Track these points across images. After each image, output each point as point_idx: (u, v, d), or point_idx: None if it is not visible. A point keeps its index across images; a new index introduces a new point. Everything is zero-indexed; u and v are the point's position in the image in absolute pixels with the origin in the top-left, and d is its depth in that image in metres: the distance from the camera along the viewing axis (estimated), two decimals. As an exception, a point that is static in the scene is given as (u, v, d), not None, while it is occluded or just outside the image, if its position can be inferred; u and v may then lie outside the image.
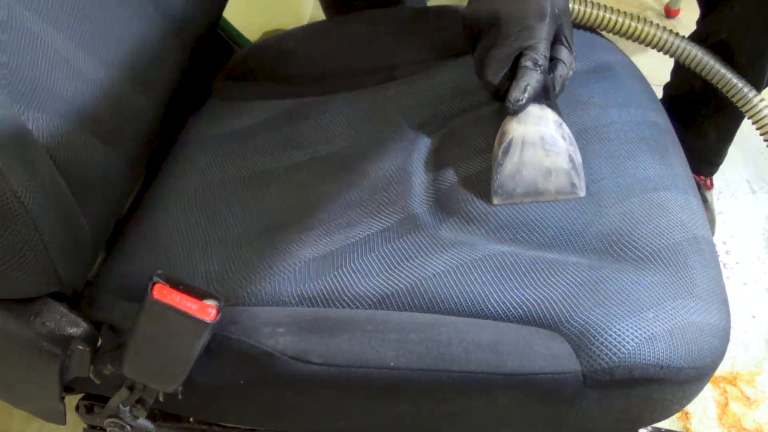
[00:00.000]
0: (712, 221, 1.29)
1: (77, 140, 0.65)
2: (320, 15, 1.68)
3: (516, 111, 0.67)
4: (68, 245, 0.58)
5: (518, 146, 0.66)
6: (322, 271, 0.67)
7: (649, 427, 0.74)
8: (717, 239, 1.28)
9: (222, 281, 0.68)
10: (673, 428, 1.07)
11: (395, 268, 0.66)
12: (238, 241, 0.72)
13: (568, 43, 0.72)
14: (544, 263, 0.64)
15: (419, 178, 0.76)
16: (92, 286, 0.72)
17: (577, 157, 0.67)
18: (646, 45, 0.88)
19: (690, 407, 1.07)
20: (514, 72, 0.68)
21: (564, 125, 0.68)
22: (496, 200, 0.68)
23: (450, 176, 0.74)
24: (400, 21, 0.92)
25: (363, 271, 0.66)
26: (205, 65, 0.98)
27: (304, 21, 1.63)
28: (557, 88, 0.72)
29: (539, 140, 0.66)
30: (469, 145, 0.76)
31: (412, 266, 0.66)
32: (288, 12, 1.61)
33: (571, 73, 0.73)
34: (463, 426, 0.63)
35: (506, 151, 0.66)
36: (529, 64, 0.67)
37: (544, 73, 0.68)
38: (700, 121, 1.14)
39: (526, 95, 0.66)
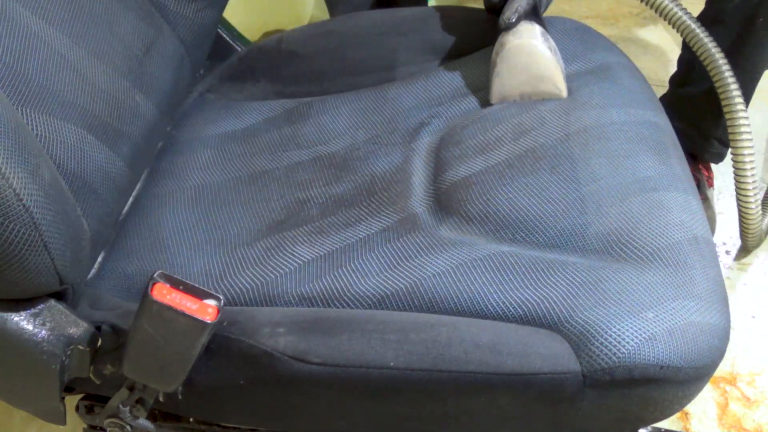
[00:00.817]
0: (712, 220, 1.29)
1: (77, 140, 0.65)
2: (320, 15, 1.68)
3: (508, 27, 0.79)
4: (68, 245, 0.58)
5: (512, 54, 0.79)
6: (322, 271, 0.67)
7: (649, 427, 0.74)
8: (717, 239, 1.28)
9: (222, 281, 0.68)
10: (673, 428, 1.06)
11: (395, 268, 0.66)
12: (238, 241, 0.72)
13: None
14: (544, 263, 0.64)
15: (419, 178, 0.76)
16: (92, 286, 0.72)
17: (561, 64, 0.80)
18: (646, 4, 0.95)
19: (690, 407, 1.07)
20: None
21: (550, 38, 0.81)
22: (493, 99, 0.81)
23: (450, 176, 0.74)
24: (400, 21, 0.92)
25: (363, 271, 0.66)
26: (205, 65, 0.98)
27: (304, 21, 1.63)
28: (543, 9, 0.83)
29: (530, 49, 0.79)
30: (469, 145, 0.76)
31: (411, 266, 0.66)
32: (288, 12, 1.61)
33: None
34: (462, 426, 0.63)
35: (502, 58, 0.79)
36: None
37: None
38: (709, 91, 1.14)
39: (517, 14, 0.79)
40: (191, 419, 0.74)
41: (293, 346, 0.58)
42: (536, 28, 0.80)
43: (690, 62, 1.19)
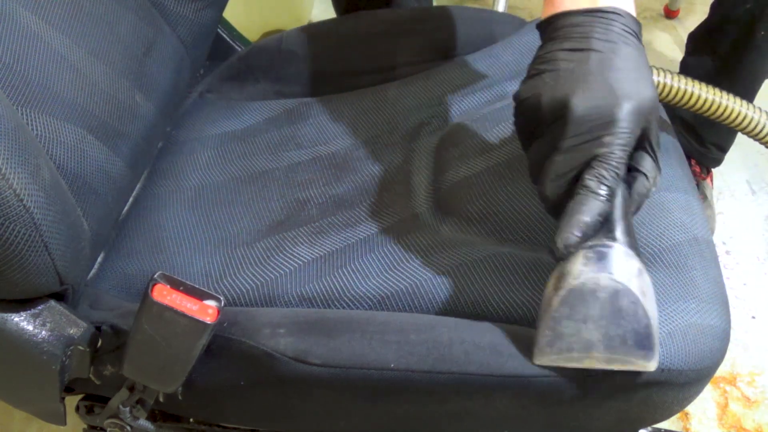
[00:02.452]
0: (711, 219, 1.29)
1: (77, 140, 0.65)
2: (320, 15, 1.69)
3: (564, 257, 0.52)
4: (68, 245, 0.58)
5: (583, 298, 0.50)
6: (322, 272, 0.67)
7: (649, 428, 0.74)
8: (717, 239, 1.28)
9: (222, 282, 0.68)
10: (673, 428, 1.07)
11: (395, 268, 0.66)
12: (238, 241, 0.72)
13: (654, 151, 0.54)
14: (545, 264, 0.64)
15: (419, 179, 0.76)
16: (92, 286, 0.71)
17: (655, 321, 0.51)
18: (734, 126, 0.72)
19: (690, 408, 1.07)
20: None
21: (645, 273, 0.52)
22: (539, 359, 0.54)
23: (450, 176, 0.74)
24: (400, 21, 0.92)
25: (363, 271, 0.66)
26: (205, 65, 0.98)
27: (304, 21, 1.63)
28: (634, 210, 0.55)
29: (612, 294, 0.50)
30: (469, 145, 0.76)
31: (412, 267, 0.66)
32: (288, 12, 1.61)
33: (654, 189, 0.56)
34: (463, 427, 0.63)
35: (565, 302, 0.51)
36: (592, 183, 0.50)
37: (612, 198, 0.51)
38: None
39: (580, 235, 0.50)
40: (191, 420, 0.74)
41: (293, 347, 0.58)
42: (626, 254, 0.51)
43: (692, 68, 1.20)
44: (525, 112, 0.55)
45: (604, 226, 0.52)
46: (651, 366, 0.52)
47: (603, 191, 0.50)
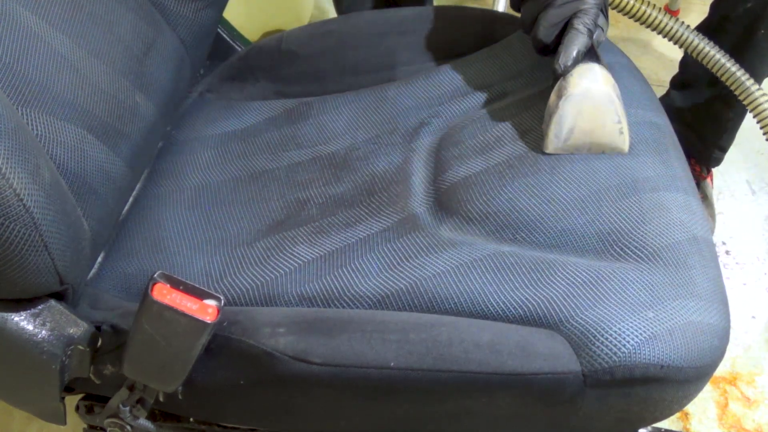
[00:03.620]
0: (711, 218, 1.29)
1: (77, 140, 0.65)
2: (320, 15, 1.69)
3: (563, 74, 0.71)
4: (68, 245, 0.58)
5: (579, 99, 0.70)
6: (322, 271, 0.67)
7: (649, 427, 0.74)
8: (717, 239, 1.28)
9: (222, 281, 0.68)
10: (673, 428, 1.06)
11: (395, 268, 0.66)
12: (238, 241, 0.72)
13: (606, 10, 0.76)
14: (544, 263, 0.64)
15: (419, 178, 0.76)
16: (92, 286, 0.71)
17: (625, 117, 0.72)
18: (659, 33, 0.88)
19: (690, 407, 1.07)
20: (561, 31, 0.73)
21: (615, 85, 0.72)
22: (550, 148, 0.72)
23: (450, 176, 0.74)
24: (400, 21, 0.92)
25: (363, 271, 0.66)
26: (205, 65, 0.98)
27: (304, 21, 1.63)
28: (598, 46, 0.76)
29: (599, 96, 0.70)
30: (468, 145, 0.76)
31: (412, 266, 0.66)
32: (288, 12, 1.61)
33: (603, 38, 0.77)
34: (463, 426, 0.63)
35: (567, 102, 0.70)
36: (581, 27, 0.71)
37: (591, 36, 0.72)
38: (711, 99, 1.15)
39: (575, 58, 0.71)
40: (191, 419, 0.74)
41: (293, 346, 0.58)
42: (604, 73, 0.72)
43: (691, 66, 1.20)
44: None
45: (586, 54, 0.73)
46: (624, 146, 0.72)
47: (584, 30, 0.72)
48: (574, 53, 0.71)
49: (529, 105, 0.79)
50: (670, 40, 0.88)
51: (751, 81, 0.86)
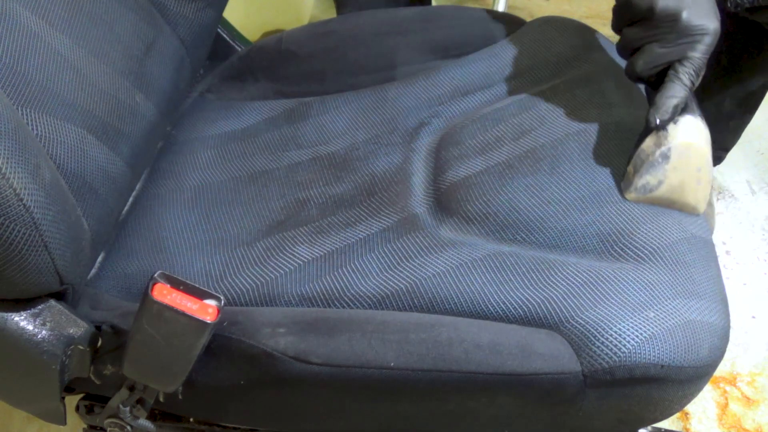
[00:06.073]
0: (710, 217, 1.29)
1: (77, 140, 0.65)
2: (320, 15, 1.69)
3: (658, 128, 0.67)
4: (68, 245, 0.58)
5: (679, 155, 0.67)
6: (322, 271, 0.67)
7: (649, 427, 0.74)
8: (717, 239, 1.28)
9: (222, 281, 0.68)
10: (673, 428, 1.06)
11: (395, 268, 0.66)
12: (238, 241, 0.72)
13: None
14: (544, 263, 0.64)
15: (419, 178, 0.76)
16: (92, 286, 0.71)
17: (712, 173, 0.69)
18: None
19: (690, 407, 1.07)
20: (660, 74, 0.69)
21: (710, 143, 0.69)
22: (632, 195, 0.69)
23: (450, 176, 0.74)
24: (400, 21, 0.92)
25: (363, 271, 0.66)
26: (205, 65, 0.98)
27: (304, 21, 1.63)
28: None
29: (699, 157, 0.67)
30: (468, 145, 0.76)
31: (412, 266, 0.66)
32: (288, 12, 1.61)
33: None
34: (463, 426, 0.63)
35: (665, 156, 0.67)
36: (684, 78, 0.67)
37: (692, 88, 0.68)
38: (716, 91, 1.14)
39: (673, 113, 0.67)
40: (191, 419, 0.74)
41: (293, 347, 0.58)
42: (705, 130, 0.69)
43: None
44: (634, 7, 0.69)
45: (685, 106, 0.69)
46: (702, 209, 0.70)
47: (688, 83, 0.67)
48: (672, 107, 0.66)
49: (529, 105, 0.79)
50: None
51: None
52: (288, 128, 0.86)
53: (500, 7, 1.54)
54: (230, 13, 1.02)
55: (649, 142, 0.69)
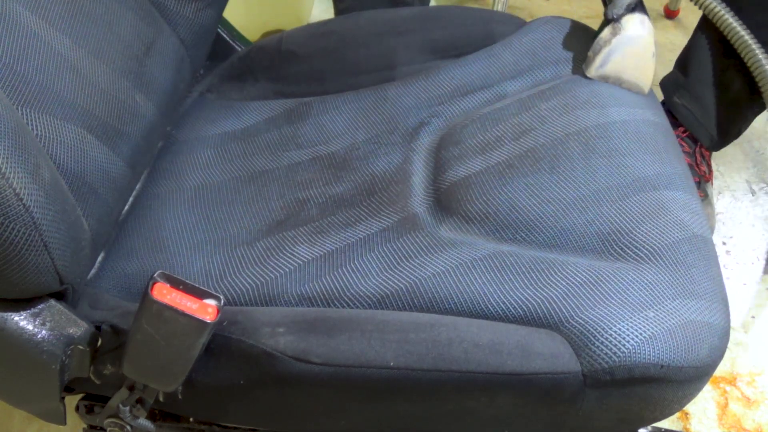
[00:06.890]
0: (711, 217, 1.29)
1: (77, 140, 0.65)
2: (320, 15, 1.69)
3: (614, 20, 0.81)
4: (68, 245, 0.58)
5: (630, 40, 0.81)
6: (322, 271, 0.67)
7: (649, 427, 0.74)
8: (717, 239, 1.28)
9: (222, 281, 0.68)
10: (673, 428, 1.06)
11: (395, 267, 0.66)
12: (238, 240, 0.72)
13: None
14: (544, 263, 0.64)
15: (419, 178, 0.76)
16: (92, 286, 0.71)
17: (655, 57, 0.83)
18: None
19: (690, 407, 1.07)
20: None
21: (653, 36, 0.83)
22: (591, 72, 0.82)
23: (450, 176, 0.74)
24: (400, 21, 0.92)
25: (363, 270, 0.66)
26: (205, 65, 0.98)
27: (304, 21, 1.63)
28: None
29: (645, 45, 0.81)
30: (468, 145, 0.76)
31: (411, 266, 0.66)
32: (288, 12, 1.61)
33: None
34: (463, 426, 0.63)
35: (620, 39, 0.81)
36: None
37: None
38: (722, 70, 1.14)
39: (626, 9, 0.81)
40: (191, 419, 0.74)
41: (293, 346, 0.58)
42: (651, 26, 0.82)
43: (688, 66, 1.19)
44: None
45: (636, 6, 0.81)
46: (646, 89, 0.83)
47: None
48: (626, 5, 0.80)
49: (529, 105, 0.79)
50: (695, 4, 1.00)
51: (765, 55, 0.97)
52: (288, 128, 0.86)
53: (500, 7, 1.54)
54: (230, 13, 1.02)
55: (606, 32, 0.83)
